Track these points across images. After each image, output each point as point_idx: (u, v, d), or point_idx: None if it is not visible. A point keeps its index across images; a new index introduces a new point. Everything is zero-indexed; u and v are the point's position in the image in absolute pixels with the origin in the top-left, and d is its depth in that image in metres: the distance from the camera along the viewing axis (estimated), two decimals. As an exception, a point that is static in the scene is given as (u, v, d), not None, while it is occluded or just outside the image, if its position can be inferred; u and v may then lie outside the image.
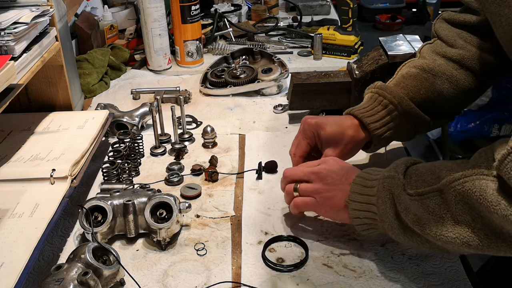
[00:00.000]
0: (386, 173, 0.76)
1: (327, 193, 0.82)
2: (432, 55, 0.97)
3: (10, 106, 0.91)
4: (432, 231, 0.68)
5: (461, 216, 0.65)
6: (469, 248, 0.66)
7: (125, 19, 1.86)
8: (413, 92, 0.93)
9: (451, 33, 0.96)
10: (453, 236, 0.66)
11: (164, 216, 0.86)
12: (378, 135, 0.93)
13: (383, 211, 0.74)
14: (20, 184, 0.92)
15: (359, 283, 0.78)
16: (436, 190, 0.68)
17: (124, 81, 1.52)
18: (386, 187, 0.74)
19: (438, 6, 4.83)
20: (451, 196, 0.66)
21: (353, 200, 0.78)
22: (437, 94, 0.93)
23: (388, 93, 0.93)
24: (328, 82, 1.20)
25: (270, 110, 1.32)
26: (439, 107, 0.95)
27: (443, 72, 0.94)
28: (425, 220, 0.69)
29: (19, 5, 1.03)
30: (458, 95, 0.95)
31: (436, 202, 0.68)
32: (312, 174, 0.84)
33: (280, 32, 1.80)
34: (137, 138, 1.11)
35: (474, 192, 0.62)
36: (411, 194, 0.70)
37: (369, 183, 0.78)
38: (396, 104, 0.92)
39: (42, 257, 0.86)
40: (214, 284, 0.79)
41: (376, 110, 0.93)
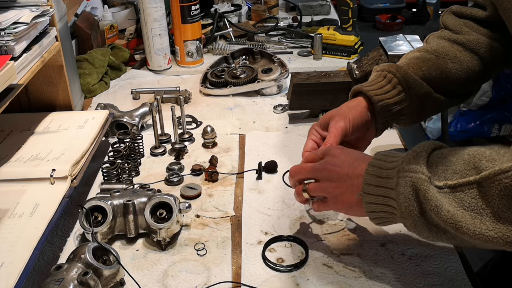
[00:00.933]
0: (406, 165, 0.67)
1: (336, 190, 0.76)
2: (436, 40, 0.98)
3: (10, 106, 0.91)
4: (470, 229, 0.61)
5: (505, 213, 0.59)
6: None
7: (125, 19, 1.86)
8: (414, 68, 0.93)
9: (457, 22, 0.98)
10: (495, 235, 0.59)
11: (164, 216, 0.86)
12: (378, 100, 0.90)
13: (406, 209, 0.67)
14: (20, 184, 0.92)
15: (359, 283, 0.78)
16: (473, 183, 0.61)
17: (124, 81, 1.52)
18: (409, 182, 0.66)
19: (438, 6, 4.84)
20: (494, 190, 0.59)
21: (367, 192, 0.72)
22: (439, 71, 0.93)
23: (386, 66, 0.93)
24: (328, 82, 1.20)
25: (270, 110, 1.32)
26: (443, 85, 0.95)
27: (446, 53, 0.94)
28: (460, 217, 0.61)
29: (19, 5, 1.03)
30: (463, 76, 0.94)
31: (473, 196, 0.61)
32: (317, 171, 0.79)
33: (280, 32, 1.80)
34: (137, 138, 1.11)
35: None
36: (440, 187, 0.63)
37: (385, 173, 0.70)
38: (393, 72, 0.91)
39: (42, 257, 0.86)
40: (214, 284, 0.79)
41: (377, 81, 0.92)
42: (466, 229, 0.61)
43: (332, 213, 0.93)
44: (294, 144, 1.15)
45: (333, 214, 0.92)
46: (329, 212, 0.93)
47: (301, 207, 0.94)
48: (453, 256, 0.82)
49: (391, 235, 0.87)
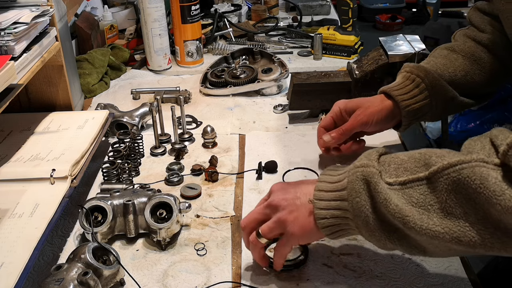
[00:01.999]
0: (358, 162, 0.68)
1: (290, 216, 0.72)
2: (463, 38, 1.02)
3: (10, 106, 0.91)
4: (417, 224, 0.60)
5: (452, 208, 0.59)
6: (459, 244, 0.59)
7: (125, 19, 1.86)
8: (441, 70, 0.97)
9: (482, 19, 1.01)
10: (441, 230, 0.59)
11: (164, 216, 0.86)
12: (405, 105, 0.95)
13: (357, 204, 0.65)
14: (20, 184, 0.92)
15: (359, 283, 0.78)
16: (422, 179, 0.61)
17: (124, 81, 1.52)
18: (360, 176, 0.66)
19: (438, 6, 4.84)
20: (442, 185, 0.59)
21: (318, 199, 0.69)
22: (464, 73, 0.97)
23: (415, 69, 0.97)
24: (328, 82, 1.20)
25: (270, 110, 1.32)
26: (465, 87, 0.99)
27: (472, 53, 0.98)
28: (407, 211, 0.61)
29: (19, 5, 1.04)
30: (484, 77, 0.99)
31: (421, 192, 0.61)
32: (265, 209, 0.75)
33: (280, 32, 1.80)
34: (137, 138, 1.11)
35: (474, 180, 0.56)
36: (390, 183, 0.63)
37: (336, 178, 0.70)
38: (422, 77, 0.95)
39: (42, 257, 0.86)
40: (214, 284, 0.79)
41: (405, 84, 0.97)
42: (413, 224, 0.61)
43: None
44: (294, 144, 1.15)
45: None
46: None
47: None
48: (453, 256, 0.82)
49: (391, 235, 0.87)
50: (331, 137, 1.01)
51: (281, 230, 0.73)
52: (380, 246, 0.68)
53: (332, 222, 0.69)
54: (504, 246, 0.57)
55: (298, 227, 0.71)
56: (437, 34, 3.84)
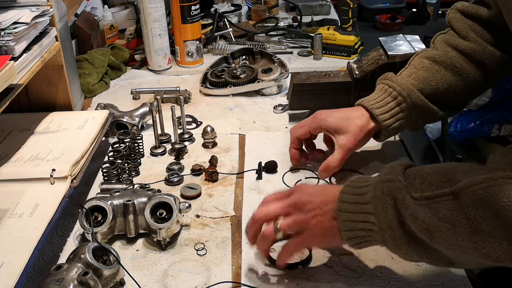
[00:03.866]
0: (383, 176, 0.67)
1: (313, 220, 0.71)
2: (444, 47, 0.99)
3: (10, 106, 0.91)
4: (446, 240, 0.60)
5: (480, 224, 0.57)
6: (488, 260, 0.58)
7: (125, 19, 1.86)
8: (424, 83, 0.95)
9: (463, 24, 0.98)
10: (470, 246, 0.58)
11: (164, 216, 0.86)
12: (386, 125, 0.95)
13: (384, 219, 0.65)
14: (20, 184, 0.92)
15: (359, 283, 0.78)
16: (448, 194, 0.60)
17: (124, 81, 1.52)
18: (386, 191, 0.65)
19: (438, 6, 4.84)
20: (469, 201, 0.58)
21: (343, 210, 0.69)
22: (447, 85, 0.96)
23: (398, 85, 0.95)
24: (328, 82, 1.20)
25: (270, 110, 1.32)
26: (448, 99, 0.97)
27: (454, 64, 0.96)
28: (435, 227, 0.61)
29: (19, 5, 1.03)
30: (467, 88, 0.97)
31: (448, 207, 0.60)
32: (288, 207, 0.74)
33: (280, 32, 1.80)
34: (137, 138, 1.11)
35: (502, 198, 0.55)
36: (416, 198, 0.63)
37: (360, 190, 0.69)
38: (405, 96, 0.94)
39: (42, 257, 0.86)
40: (214, 284, 0.79)
41: (386, 101, 0.96)
42: (442, 240, 0.60)
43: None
44: (294, 144, 1.15)
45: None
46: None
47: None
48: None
49: (391, 235, 0.87)
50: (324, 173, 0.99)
51: (300, 230, 0.73)
52: (406, 258, 0.68)
53: (357, 234, 0.69)
54: None
55: (321, 232, 0.72)
56: (437, 34, 3.83)
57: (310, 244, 0.76)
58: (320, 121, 0.98)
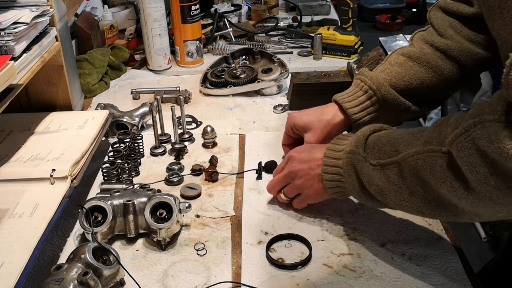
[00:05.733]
0: (349, 147, 0.82)
1: (305, 184, 0.89)
2: (420, 43, 0.99)
3: (10, 106, 0.91)
4: (392, 200, 0.75)
5: (415, 188, 0.71)
6: (423, 215, 0.74)
7: (125, 19, 1.86)
8: (396, 79, 0.96)
9: (443, 22, 0.98)
10: (410, 205, 0.73)
11: (164, 216, 0.86)
12: (356, 119, 0.97)
13: (350, 183, 0.81)
14: (20, 184, 0.92)
15: (359, 283, 0.78)
16: (395, 162, 0.73)
17: (124, 81, 1.52)
18: (349, 162, 0.81)
19: (438, 6, 4.83)
20: (406, 169, 0.71)
21: (325, 172, 0.85)
22: (420, 81, 0.96)
23: (369, 79, 0.97)
24: (328, 82, 1.20)
25: (270, 110, 1.32)
26: (421, 95, 0.98)
27: (428, 61, 0.96)
28: (386, 190, 0.75)
29: (19, 5, 1.03)
30: (441, 84, 0.97)
31: (395, 173, 0.73)
32: (285, 177, 0.91)
33: (280, 32, 1.80)
34: (137, 138, 1.11)
35: (425, 169, 0.68)
36: (373, 164, 0.76)
37: (337, 154, 0.84)
38: (375, 90, 0.96)
39: (42, 257, 0.86)
40: (214, 284, 0.79)
41: (357, 95, 0.98)
42: (390, 200, 0.75)
43: (332, 213, 0.93)
44: (294, 144, 1.15)
45: (333, 214, 0.93)
46: (329, 213, 0.93)
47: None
48: (453, 256, 0.82)
49: (391, 235, 0.87)
50: None
51: (299, 192, 0.91)
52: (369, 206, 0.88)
53: (337, 190, 0.86)
54: (456, 217, 0.70)
55: (312, 191, 0.89)
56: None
57: (309, 201, 0.92)
58: (290, 120, 1.03)
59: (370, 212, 0.92)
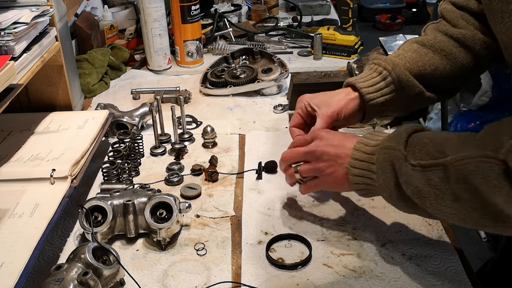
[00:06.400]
0: (387, 142, 0.76)
1: (327, 169, 0.83)
2: (434, 32, 0.99)
3: (10, 106, 0.91)
4: (433, 205, 0.69)
5: (461, 194, 0.66)
6: (466, 224, 0.69)
7: (125, 19, 1.86)
8: (410, 63, 0.95)
9: (455, 14, 0.98)
10: (452, 212, 0.68)
11: (164, 216, 0.86)
12: (370, 98, 0.94)
13: (383, 181, 0.75)
14: (20, 184, 0.92)
15: (359, 283, 0.78)
16: (440, 165, 0.67)
17: (124, 81, 1.52)
18: (387, 158, 0.74)
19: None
20: (453, 174, 0.66)
21: (353, 166, 0.79)
22: (434, 68, 0.95)
23: (383, 61, 0.95)
24: (328, 82, 1.20)
25: (270, 110, 1.32)
26: (435, 81, 0.97)
27: (443, 48, 0.96)
28: (425, 193, 0.69)
29: (19, 5, 1.03)
30: (456, 72, 0.96)
31: (439, 176, 0.68)
32: (307, 154, 0.85)
33: (280, 32, 1.80)
34: (137, 138, 1.11)
35: (476, 174, 0.63)
36: (413, 165, 0.70)
37: (369, 149, 0.78)
38: (390, 70, 0.94)
39: (42, 257, 0.86)
40: (214, 284, 0.79)
41: (371, 76, 0.95)
42: (429, 204, 0.70)
43: (332, 213, 0.93)
44: (294, 144, 1.15)
45: (332, 214, 0.93)
46: (329, 212, 0.93)
47: (301, 208, 0.94)
48: (453, 256, 0.82)
49: (391, 235, 0.87)
50: None
51: (316, 175, 0.85)
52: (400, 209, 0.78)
53: (364, 187, 0.80)
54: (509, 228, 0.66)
55: (332, 180, 0.83)
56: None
57: (322, 187, 0.87)
58: (304, 98, 0.98)
59: (370, 212, 0.92)
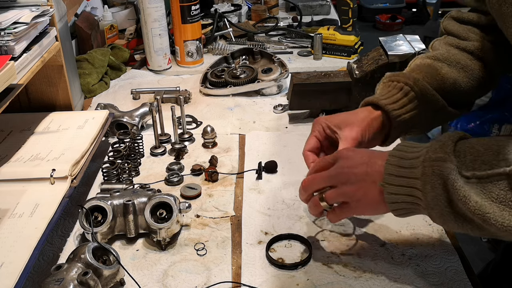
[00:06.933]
0: (432, 154, 0.66)
1: (357, 192, 0.72)
2: (445, 46, 0.95)
3: (10, 106, 0.91)
4: (498, 221, 0.60)
5: None
6: None
7: (125, 19, 1.86)
8: (429, 78, 0.89)
9: (461, 28, 0.95)
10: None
11: (164, 216, 0.86)
12: (396, 115, 0.86)
13: (433, 198, 0.65)
14: (20, 184, 0.92)
15: (359, 283, 0.78)
16: (503, 174, 0.59)
17: (124, 81, 1.52)
18: (436, 171, 0.64)
19: (438, 6, 4.84)
20: None
21: (389, 183, 0.69)
22: (453, 81, 0.90)
23: (401, 77, 0.88)
24: (328, 82, 1.20)
25: (270, 110, 1.32)
26: (455, 95, 0.91)
27: (458, 61, 0.91)
28: (488, 208, 0.60)
29: (19, 5, 1.03)
30: (473, 85, 0.92)
31: (502, 188, 0.60)
32: (332, 178, 0.74)
33: (280, 32, 1.80)
34: (137, 138, 1.11)
35: None
36: (467, 177, 0.62)
37: (407, 163, 0.68)
38: (411, 85, 0.86)
39: (42, 257, 0.86)
40: (214, 284, 0.79)
41: (391, 93, 0.87)
42: (494, 221, 0.60)
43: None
44: (294, 144, 1.15)
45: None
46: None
47: (302, 207, 0.94)
48: (453, 256, 0.82)
49: (391, 235, 0.87)
50: None
51: (345, 200, 0.74)
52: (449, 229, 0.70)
53: (403, 206, 0.69)
54: None
55: (365, 204, 0.72)
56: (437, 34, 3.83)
57: (354, 213, 0.77)
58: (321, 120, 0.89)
59: (370, 212, 0.92)
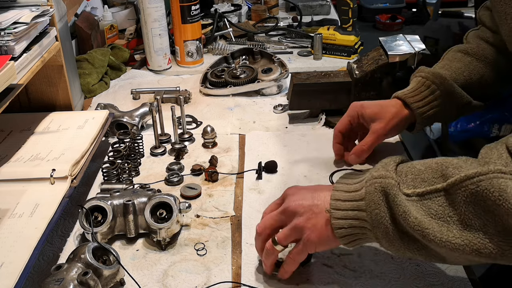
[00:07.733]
0: (375, 172, 0.67)
1: (307, 224, 0.71)
2: (476, 40, 1.02)
3: (10, 106, 0.91)
4: (436, 237, 0.60)
5: (471, 220, 0.58)
6: (480, 256, 0.59)
7: (125, 19, 1.86)
8: (456, 74, 0.98)
9: (493, 19, 0.99)
10: (461, 242, 0.59)
11: (164, 216, 0.86)
12: (421, 113, 0.97)
13: (376, 216, 0.65)
14: (20, 184, 0.92)
15: (359, 283, 0.78)
16: (440, 190, 0.61)
17: (124, 81, 1.52)
18: (378, 188, 0.65)
19: (438, 6, 4.84)
20: (460, 197, 0.59)
21: (335, 208, 0.69)
22: (479, 76, 0.98)
23: (431, 75, 0.98)
24: (328, 82, 1.20)
25: (270, 110, 1.32)
26: (481, 90, 1.00)
27: (486, 56, 0.99)
28: (427, 224, 0.61)
29: (19, 5, 1.04)
30: (498, 79, 0.99)
31: (440, 203, 0.61)
32: (281, 214, 0.74)
33: (280, 32, 1.80)
34: (137, 138, 1.11)
35: (492, 193, 0.55)
36: (408, 194, 0.63)
37: (352, 187, 0.69)
38: (438, 84, 0.96)
39: (42, 257, 0.86)
40: (214, 284, 0.79)
41: (419, 90, 0.98)
42: (433, 237, 0.60)
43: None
44: (294, 144, 1.15)
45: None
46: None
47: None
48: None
49: (391, 235, 0.87)
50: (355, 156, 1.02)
51: (297, 237, 0.72)
52: (399, 255, 0.68)
53: (350, 232, 0.68)
54: None
55: (315, 235, 0.70)
56: (437, 34, 3.83)
57: (309, 249, 0.73)
58: (356, 107, 1.01)
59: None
